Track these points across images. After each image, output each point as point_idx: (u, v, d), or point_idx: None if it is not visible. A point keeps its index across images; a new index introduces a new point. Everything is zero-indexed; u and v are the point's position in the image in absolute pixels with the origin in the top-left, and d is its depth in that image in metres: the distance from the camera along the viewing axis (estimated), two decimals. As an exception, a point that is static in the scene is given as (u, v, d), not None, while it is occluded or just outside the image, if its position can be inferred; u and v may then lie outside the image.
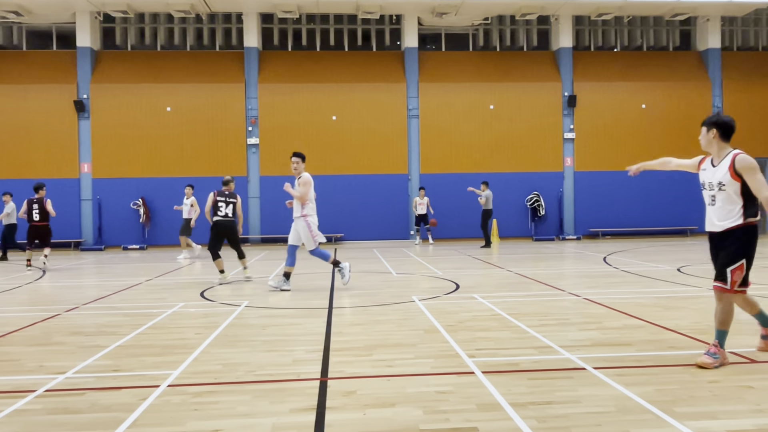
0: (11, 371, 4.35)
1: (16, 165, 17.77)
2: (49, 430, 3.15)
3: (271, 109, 18.83)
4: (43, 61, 18.73)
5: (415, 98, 19.26)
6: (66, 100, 18.26)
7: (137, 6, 17.96)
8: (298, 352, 4.78)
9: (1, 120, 18.06)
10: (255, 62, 18.94)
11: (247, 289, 8.65)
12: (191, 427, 3.19)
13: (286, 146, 18.79)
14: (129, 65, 18.83)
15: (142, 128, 18.41)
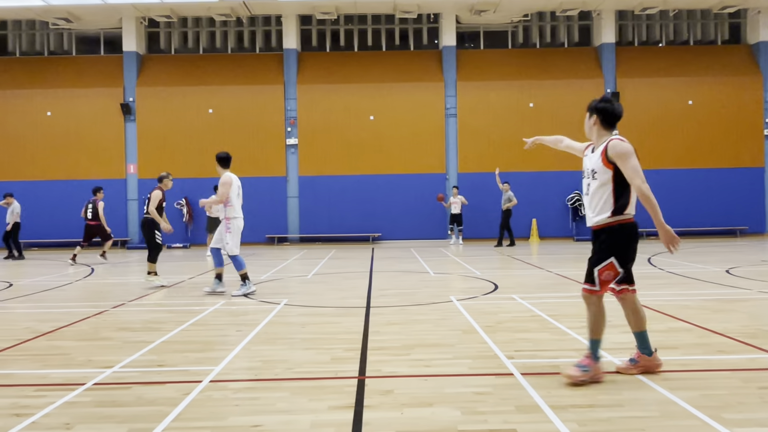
0: (62, 365, 4.52)
1: (66, 166, 18.48)
2: (97, 422, 3.26)
3: (310, 109, 19.03)
4: (91, 66, 19.41)
5: (453, 97, 19.15)
6: (113, 104, 18.88)
7: (180, 10, 18.43)
8: (336, 350, 4.82)
9: (53, 123, 18.82)
10: (294, 64, 19.17)
11: (287, 288, 8.77)
12: (232, 422, 3.25)
13: (324, 146, 18.99)
14: (172, 68, 19.34)
15: (185, 130, 18.88)
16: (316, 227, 18.88)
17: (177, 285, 9.29)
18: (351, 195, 18.93)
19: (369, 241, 18.85)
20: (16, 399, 3.67)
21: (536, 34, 19.93)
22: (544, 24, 19.92)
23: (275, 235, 18.95)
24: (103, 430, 3.15)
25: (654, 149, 18.76)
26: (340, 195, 18.88)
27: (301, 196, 19.09)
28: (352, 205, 18.89)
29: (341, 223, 18.87)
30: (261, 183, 18.95)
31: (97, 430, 3.15)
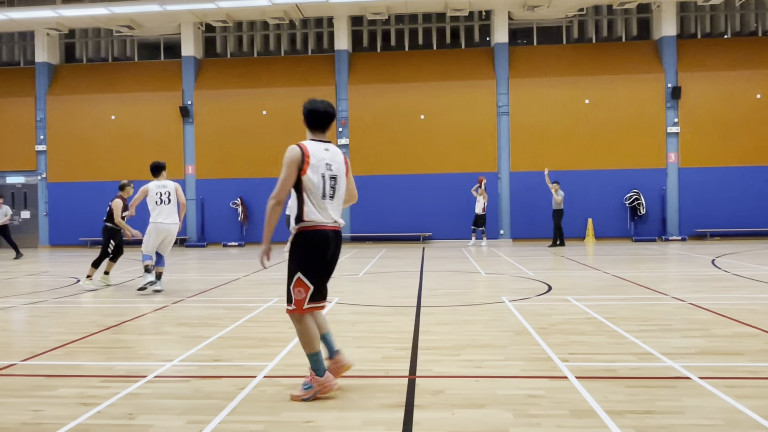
0: (125, 357, 4.73)
1: (128, 167, 19.26)
2: (157, 413, 3.40)
3: (361, 109, 19.17)
4: (152, 71, 20.19)
5: (505, 95, 18.88)
6: (172, 107, 19.58)
7: (235, 15, 18.92)
8: (386, 349, 4.84)
9: (116, 126, 19.69)
10: (345, 64, 19.36)
11: (338, 286, 8.86)
12: (285, 417, 3.32)
13: (375, 146, 19.09)
14: (228, 72, 19.88)
15: (240, 131, 19.38)
16: (367, 226, 19.00)
17: (232, 282, 9.55)
18: (401, 194, 18.95)
19: (419, 241, 18.82)
20: (83, 389, 3.86)
21: (592, 28, 19.39)
22: (600, 18, 19.35)
23: (327, 234, 19.17)
24: (163, 421, 3.27)
25: (718, 146, 17.92)
26: (391, 194, 18.93)
27: (352, 196, 19.25)
28: (403, 205, 18.91)
29: (391, 222, 18.92)
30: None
31: (157, 420, 3.28)
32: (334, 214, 3.70)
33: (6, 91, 20.26)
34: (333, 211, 3.69)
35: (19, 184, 20.37)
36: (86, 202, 19.06)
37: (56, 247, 19.67)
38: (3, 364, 4.53)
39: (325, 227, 3.63)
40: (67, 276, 10.89)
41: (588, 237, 18.13)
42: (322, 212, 3.63)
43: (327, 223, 3.64)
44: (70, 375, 4.22)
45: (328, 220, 3.64)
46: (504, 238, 18.70)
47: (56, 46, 20.59)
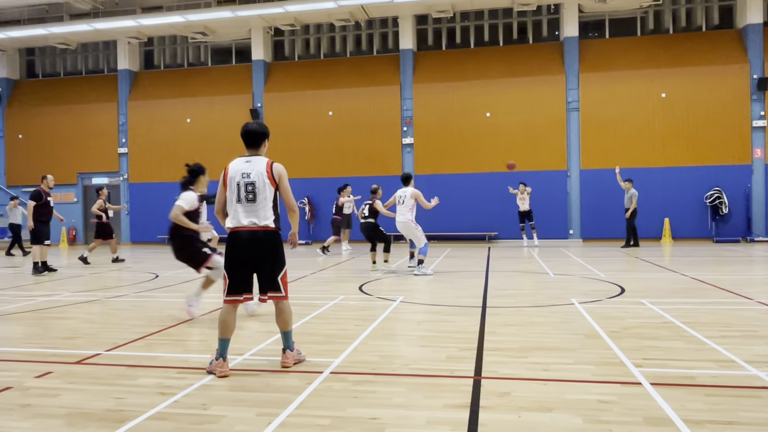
0: (200, 350, 4.94)
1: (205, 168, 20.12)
2: (230, 405, 3.53)
3: (426, 108, 19.13)
4: (224, 75, 20.97)
5: (575, 90, 18.32)
6: (243, 109, 20.27)
7: (303, 18, 19.35)
8: (451, 349, 4.81)
9: (192, 129, 20.59)
10: (410, 63, 19.37)
11: (403, 285, 8.89)
12: (351, 413, 3.36)
13: (440, 145, 19.01)
14: (296, 74, 20.35)
15: (307, 132, 19.80)
16: (432, 225, 18.93)
17: (300, 279, 9.77)
18: (467, 193, 18.76)
19: (485, 240, 18.57)
20: (161, 379, 4.07)
21: (669, 18, 18.49)
22: (678, 7, 18.43)
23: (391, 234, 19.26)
24: (234, 412, 3.40)
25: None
26: (456, 193, 18.78)
27: (417, 195, 19.26)
28: (468, 204, 18.72)
29: (457, 221, 18.77)
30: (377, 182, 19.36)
31: (229, 412, 3.40)
32: (252, 216, 4.14)
33: (92, 98, 21.62)
34: (250, 213, 4.14)
35: (103, 184, 21.68)
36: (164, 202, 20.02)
37: (137, 244, 20.80)
38: (89, 354, 4.84)
39: (238, 229, 4.12)
40: (147, 272, 11.50)
41: (664, 237, 17.31)
42: (236, 216, 4.14)
43: (241, 226, 4.12)
44: (149, 365, 4.45)
45: (244, 222, 4.12)
46: (573, 238, 18.16)
47: (136, 54, 21.76)
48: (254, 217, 4.13)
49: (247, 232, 4.12)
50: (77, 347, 5.09)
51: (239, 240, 4.12)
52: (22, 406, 3.54)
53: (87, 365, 4.50)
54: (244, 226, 4.12)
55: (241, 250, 4.12)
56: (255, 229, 4.13)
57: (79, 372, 4.30)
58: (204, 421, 3.26)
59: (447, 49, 19.87)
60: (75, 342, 5.32)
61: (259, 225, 4.14)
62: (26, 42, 21.32)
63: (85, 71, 22.52)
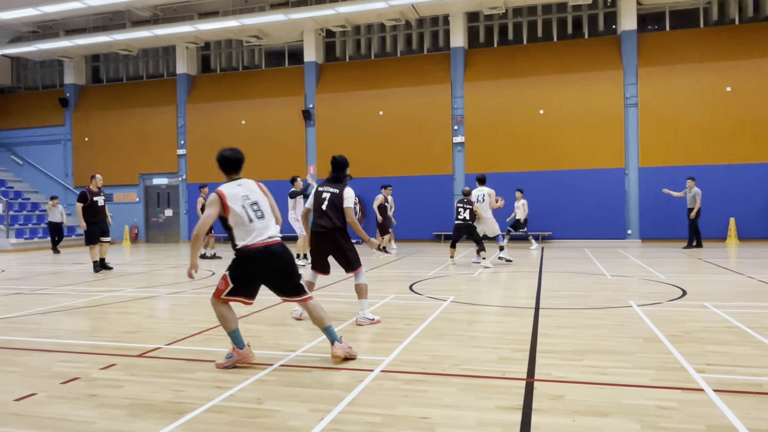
0: (254, 346, 5.05)
1: (257, 168, 20.57)
2: (283, 400, 3.60)
3: (477, 106, 18.93)
4: (277, 77, 21.38)
5: (633, 85, 17.72)
6: (295, 110, 20.61)
7: (354, 19, 19.50)
8: (503, 350, 4.74)
9: (247, 130, 21.09)
10: (461, 61, 19.22)
11: (453, 285, 8.83)
12: (401, 411, 3.37)
13: (491, 143, 18.78)
14: (347, 75, 20.53)
15: (358, 132, 19.94)
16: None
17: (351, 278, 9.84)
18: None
19: (538, 240, 18.22)
20: (217, 373, 4.19)
21: (735, 8, 17.61)
22: (744, -4, 17.53)
23: (442, 233, 19.19)
24: (288, 407, 3.46)
25: None
26: (508, 192, 18.46)
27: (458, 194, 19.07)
28: (521, 203, 18.40)
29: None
30: (428, 181, 19.32)
31: (283, 406, 3.47)
32: (267, 231, 4.41)
33: (152, 101, 22.48)
34: (264, 229, 4.40)
35: (163, 185, 22.53)
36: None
37: (194, 243, 21.48)
38: (150, 347, 5.04)
39: (254, 246, 4.35)
40: (204, 269, 11.86)
41: (730, 238, 16.52)
42: (250, 234, 4.36)
43: (257, 242, 4.35)
44: (206, 360, 4.59)
45: (259, 238, 4.36)
46: (632, 238, 17.58)
47: (194, 58, 22.47)
48: (269, 232, 4.42)
49: (264, 247, 4.36)
50: (139, 341, 5.31)
51: (255, 257, 4.35)
52: (88, 396, 3.72)
53: (148, 358, 4.68)
54: (260, 243, 4.35)
55: (259, 265, 4.38)
56: (272, 244, 4.39)
57: (141, 365, 4.49)
58: (258, 415, 3.34)
59: (499, 46, 19.59)
60: (137, 336, 5.55)
61: (275, 238, 4.44)
62: (91, 49, 22.37)
63: (146, 76, 23.44)
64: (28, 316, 6.78)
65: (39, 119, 23.89)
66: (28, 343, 5.32)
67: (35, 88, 24.95)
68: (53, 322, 6.42)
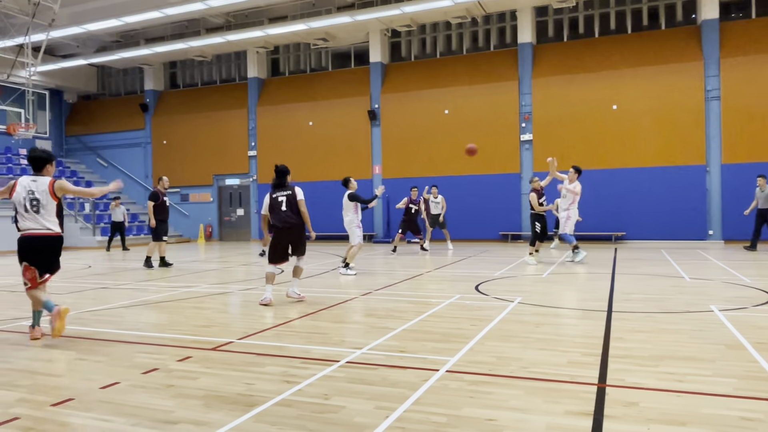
0: (321, 342, 5.15)
1: (322, 169, 20.96)
2: (349, 396, 3.65)
3: (545, 103, 18.47)
4: (343, 79, 21.68)
5: (715, 77, 16.75)
6: (361, 111, 20.83)
7: (419, 19, 19.48)
8: (573, 353, 4.61)
9: (313, 131, 21.52)
10: (529, 58, 18.81)
11: (521, 286, 8.66)
12: (467, 412, 3.34)
13: (561, 140, 18.26)
14: (412, 74, 20.54)
15: (423, 131, 19.91)
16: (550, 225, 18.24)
17: (416, 277, 9.85)
18: (591, 191, 17.76)
19: (611, 241, 17.56)
20: (286, 368, 4.30)
21: (831, -9, 16.29)
22: (842, -23, 16.19)
23: (509, 233, 18.85)
24: (354, 403, 3.51)
25: None
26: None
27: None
28: (593, 202, 17.76)
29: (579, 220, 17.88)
30: (495, 180, 19.03)
31: (349, 403, 3.52)
32: (37, 223, 5.34)
33: (225, 105, 23.35)
34: (35, 221, 5.34)
35: (235, 185, 23.36)
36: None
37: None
38: (223, 341, 5.24)
39: (25, 234, 5.34)
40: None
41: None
42: (24, 222, 5.34)
43: (28, 231, 5.33)
44: (275, 355, 4.73)
45: (31, 228, 5.33)
46: (713, 239, 16.63)
47: (264, 62, 23.16)
48: (39, 223, 5.34)
49: (33, 237, 5.33)
50: (213, 335, 5.53)
51: (26, 242, 5.34)
52: (166, 386, 3.92)
53: (221, 352, 4.87)
54: (31, 232, 5.33)
55: (30, 249, 5.38)
56: (41, 235, 5.36)
57: (215, 358, 4.67)
58: (325, 411, 3.40)
59: (569, 41, 19.02)
60: (211, 330, 5.78)
61: (48, 230, 5.37)
62: (169, 56, 23.52)
63: (219, 80, 24.37)
64: (113, 309, 7.22)
65: (122, 124, 25.35)
66: (113, 334, 5.66)
67: (118, 95, 26.49)
68: (135, 315, 6.79)
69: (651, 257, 12.84)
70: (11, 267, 13.59)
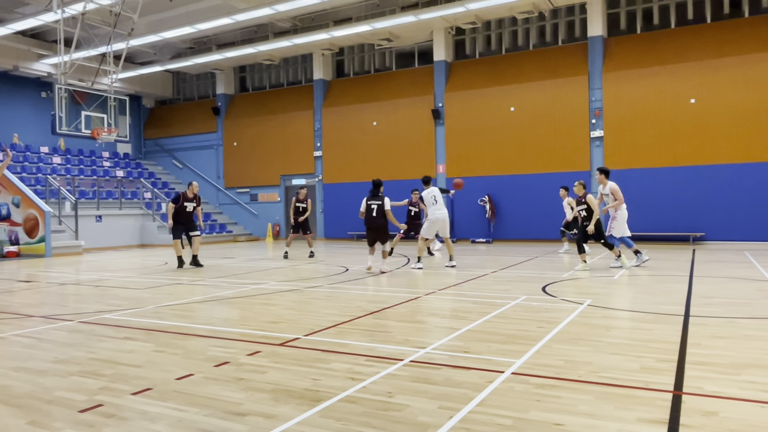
0: (385, 341, 5.19)
1: (387, 168, 21.06)
2: (413, 395, 3.65)
3: (617, 98, 17.79)
4: (407, 78, 21.70)
5: (805, 67, 15.58)
6: (425, 110, 20.78)
7: (484, 15, 19.23)
8: (646, 359, 4.41)
9: (378, 131, 21.67)
10: (599, 51, 18.17)
11: (590, 288, 8.39)
12: (533, 416, 3.27)
13: (634, 137, 17.54)
14: (476, 72, 20.30)
15: (488, 129, 19.64)
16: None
17: (481, 278, 9.74)
18: (666, 189, 17.04)
19: (689, 242, 16.70)
20: (351, 365, 4.36)
21: None
22: None
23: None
24: (417, 403, 3.51)
25: None
26: (653, 189, 17.15)
27: (606, 192, 17.95)
28: (668, 201, 16.99)
29: (654, 220, 17.14)
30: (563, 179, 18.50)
31: (413, 402, 3.53)
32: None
33: (292, 107, 23.91)
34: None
35: (301, 185, 23.86)
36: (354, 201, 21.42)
37: (330, 240, 22.51)
38: (290, 337, 5.37)
39: None
40: (338, 265, 12.39)
41: None
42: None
43: None
44: (340, 352, 4.80)
45: None
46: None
47: (329, 64, 23.54)
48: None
49: None
50: (281, 331, 5.68)
51: None
52: (237, 379, 4.06)
53: (289, 347, 5.00)
54: None
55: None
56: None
57: (282, 353, 4.80)
58: (389, 408, 3.42)
59: (642, 33, 18.23)
60: (279, 326, 5.94)
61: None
62: (239, 61, 24.32)
63: (286, 83, 24.99)
64: (187, 304, 7.55)
65: (195, 127, 26.48)
66: (187, 328, 5.92)
67: (192, 99, 27.67)
68: (208, 310, 7.08)
69: (733, 259, 12.11)
70: (96, 263, 14.49)
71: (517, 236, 19.03)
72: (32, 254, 16.93)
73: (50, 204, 18.29)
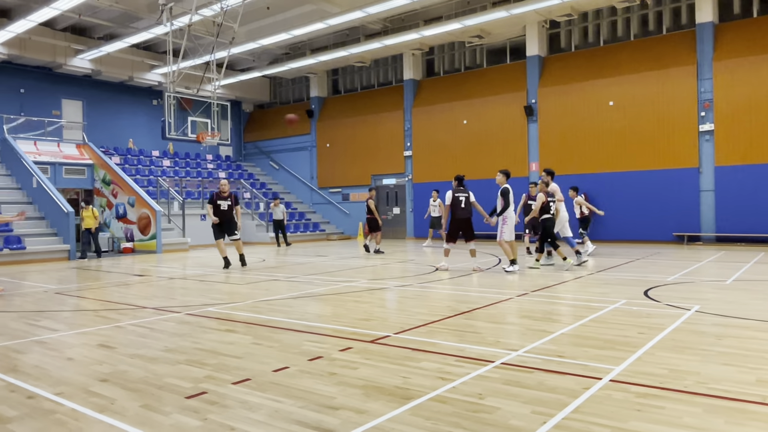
0: (476, 342, 5.12)
1: (478, 167, 20.76)
2: (504, 398, 3.58)
3: (730, 89, 16.45)
4: (498, 75, 21.29)
5: None
6: (517, 107, 20.29)
7: (580, 6, 18.46)
8: (764, 371, 4.05)
9: (468, 129, 21.43)
10: (709, 39, 16.90)
11: (699, 293, 7.83)
12: (633, 426, 3.10)
13: (748, 130, 16.18)
14: (572, 66, 19.53)
15: (584, 125, 18.85)
16: (738, 226, 16.22)
17: (577, 279, 9.37)
18: (786, 186, 15.55)
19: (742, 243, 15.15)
20: (441, 365, 4.34)
21: None
22: None
23: (684, 234, 17.13)
24: (509, 406, 3.44)
25: None
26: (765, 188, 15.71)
27: (717, 190, 16.68)
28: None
29: (772, 220, 15.70)
30: (668, 176, 17.43)
31: (504, 405, 3.46)
32: None
33: (383, 107, 24.20)
34: None
35: (391, 185, 24.11)
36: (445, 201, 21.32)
37: (419, 239, 22.56)
38: (381, 335, 5.44)
39: None
40: (428, 264, 12.38)
41: None
42: None
43: None
44: (430, 351, 4.80)
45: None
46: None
47: (419, 64, 23.58)
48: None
49: None
50: (371, 328, 5.77)
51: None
52: (329, 374, 4.17)
53: (379, 345, 5.07)
54: None
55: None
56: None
57: (373, 350, 4.87)
58: (479, 410, 3.38)
59: (759, 16, 16.74)
60: (370, 323, 6.04)
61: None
62: (332, 64, 24.96)
63: (377, 84, 25.32)
64: (283, 299, 7.86)
65: (290, 129, 27.45)
66: (283, 323, 6.17)
67: (287, 103, 28.75)
68: (302, 306, 7.33)
69: None
70: (201, 259, 15.44)
71: (616, 237, 18.13)
72: (145, 250, 18.35)
73: (160, 204, 19.74)
